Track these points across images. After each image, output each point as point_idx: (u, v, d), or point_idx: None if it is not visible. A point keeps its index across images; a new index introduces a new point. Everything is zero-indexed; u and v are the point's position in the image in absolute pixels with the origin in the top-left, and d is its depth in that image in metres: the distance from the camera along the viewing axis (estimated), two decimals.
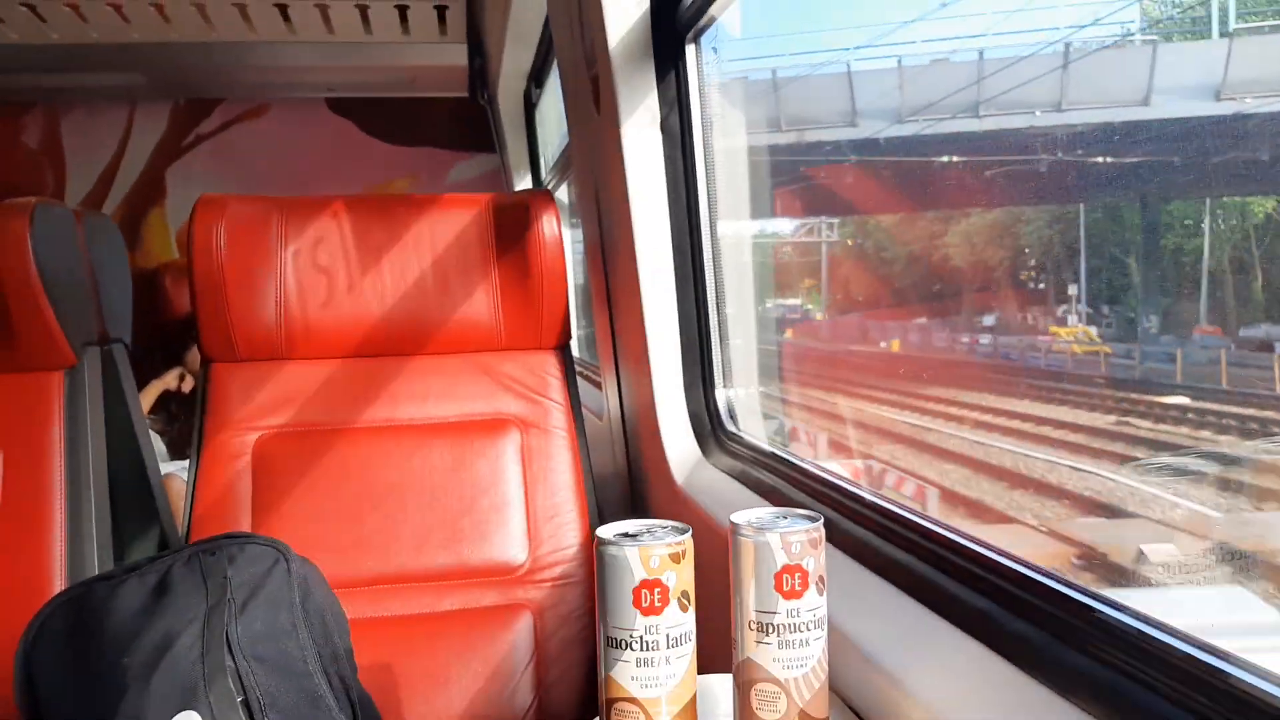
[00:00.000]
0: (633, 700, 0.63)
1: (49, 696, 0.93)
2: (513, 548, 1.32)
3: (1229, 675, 0.49)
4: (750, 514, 0.67)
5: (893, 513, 0.87)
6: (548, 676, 1.27)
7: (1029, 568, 0.68)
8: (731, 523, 0.65)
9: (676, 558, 0.63)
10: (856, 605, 0.78)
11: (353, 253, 1.39)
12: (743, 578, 0.65)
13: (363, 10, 2.81)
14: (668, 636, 0.63)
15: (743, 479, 1.22)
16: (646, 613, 0.62)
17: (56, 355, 1.32)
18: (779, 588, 0.63)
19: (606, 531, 0.65)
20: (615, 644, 0.63)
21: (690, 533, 0.64)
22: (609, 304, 1.61)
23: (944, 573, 0.75)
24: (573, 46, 1.50)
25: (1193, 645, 0.53)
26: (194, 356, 2.67)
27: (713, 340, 1.39)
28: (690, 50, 1.33)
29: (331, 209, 1.42)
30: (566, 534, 1.35)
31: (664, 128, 1.35)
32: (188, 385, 2.62)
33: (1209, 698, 0.49)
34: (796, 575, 0.63)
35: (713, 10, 1.22)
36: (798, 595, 0.63)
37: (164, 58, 2.99)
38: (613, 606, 0.63)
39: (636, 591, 0.62)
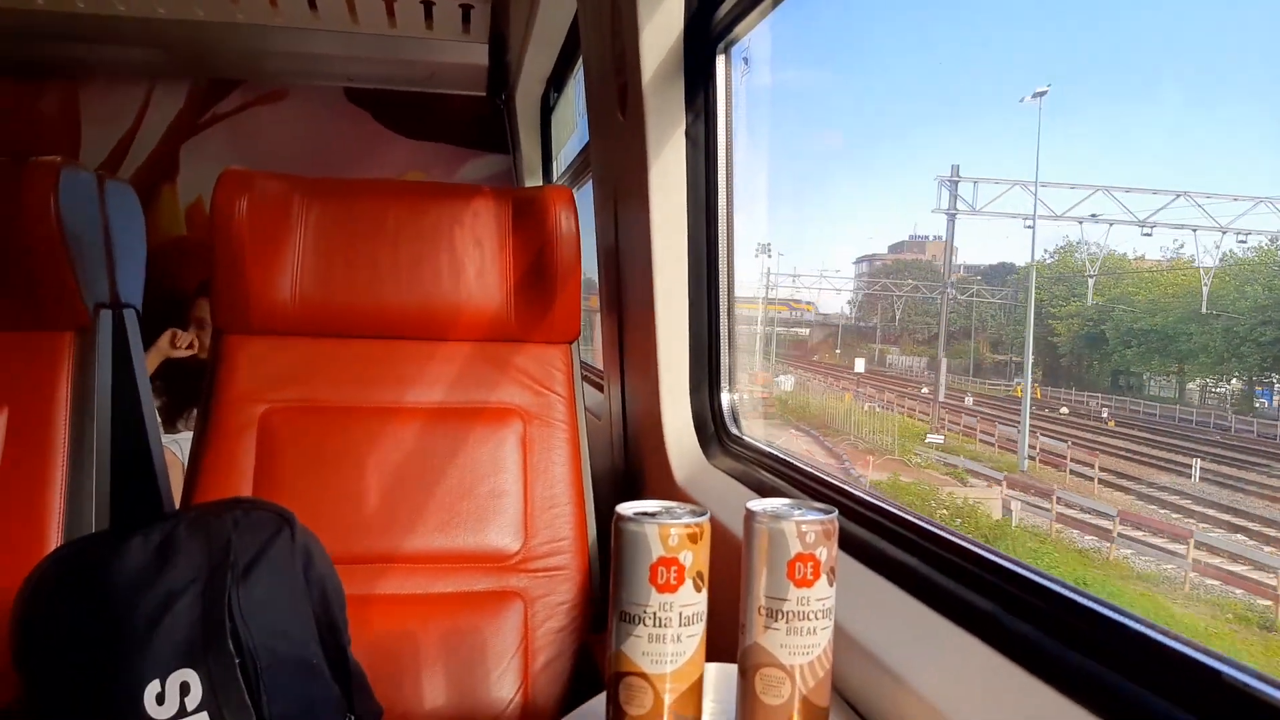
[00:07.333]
0: (642, 675, 0.64)
1: (46, 651, 0.92)
2: (508, 536, 1.33)
3: (1224, 675, 0.51)
4: (766, 503, 0.68)
5: (896, 515, 0.89)
6: (535, 664, 1.28)
7: (1032, 571, 0.69)
8: (747, 510, 0.67)
9: (694, 537, 0.64)
10: (859, 603, 0.80)
11: (371, 235, 1.40)
12: (755, 564, 0.66)
13: (388, 3, 2.83)
14: (680, 614, 0.64)
15: (744, 480, 1.24)
16: (662, 590, 0.63)
17: (70, 314, 1.33)
18: (791, 575, 0.65)
19: (626, 509, 0.66)
20: (628, 619, 0.64)
21: (709, 515, 0.66)
22: (619, 307, 1.63)
23: (946, 574, 0.77)
24: (602, 52, 1.52)
25: (1191, 647, 0.54)
26: (195, 318, 2.66)
27: (721, 345, 1.41)
28: (720, 61, 1.35)
29: (353, 191, 1.44)
30: (561, 526, 1.36)
31: (689, 135, 1.37)
32: (182, 341, 2.59)
33: (1206, 696, 0.51)
34: (809, 564, 0.65)
35: (746, 21, 1.25)
36: (809, 584, 0.65)
37: (187, 35, 3.00)
38: (628, 582, 0.64)
39: (653, 568, 0.63)
